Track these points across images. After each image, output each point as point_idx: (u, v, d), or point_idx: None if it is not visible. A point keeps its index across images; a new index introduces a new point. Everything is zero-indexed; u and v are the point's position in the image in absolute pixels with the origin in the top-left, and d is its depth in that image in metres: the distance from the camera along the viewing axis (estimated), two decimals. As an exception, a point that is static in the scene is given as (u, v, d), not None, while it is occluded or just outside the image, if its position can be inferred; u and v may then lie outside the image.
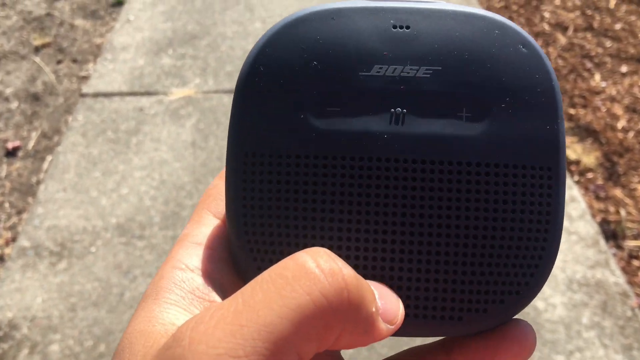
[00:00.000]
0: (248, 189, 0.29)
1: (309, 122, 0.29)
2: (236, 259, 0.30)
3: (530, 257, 0.28)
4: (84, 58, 2.44)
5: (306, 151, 0.28)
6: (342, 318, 0.23)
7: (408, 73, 0.29)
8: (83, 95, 2.22)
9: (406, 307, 0.28)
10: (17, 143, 2.03)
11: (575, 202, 1.79)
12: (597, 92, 2.16)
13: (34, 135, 2.07)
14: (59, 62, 2.42)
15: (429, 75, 0.29)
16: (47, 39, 2.53)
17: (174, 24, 2.63)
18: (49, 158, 1.98)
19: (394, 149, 0.28)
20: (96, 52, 2.48)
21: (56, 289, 1.59)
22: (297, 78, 0.29)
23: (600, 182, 1.82)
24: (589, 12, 2.65)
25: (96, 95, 2.22)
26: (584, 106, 2.09)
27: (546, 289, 1.53)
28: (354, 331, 0.24)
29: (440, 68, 0.29)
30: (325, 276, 0.23)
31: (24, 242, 1.71)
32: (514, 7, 2.72)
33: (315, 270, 0.23)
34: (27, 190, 1.87)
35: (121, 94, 2.24)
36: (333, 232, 0.28)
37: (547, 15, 2.65)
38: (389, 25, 0.29)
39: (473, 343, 0.29)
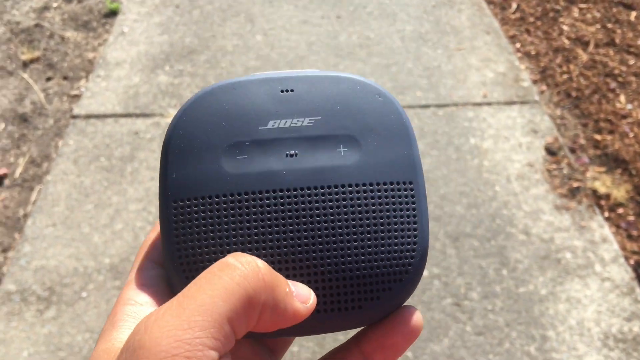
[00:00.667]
0: (179, 229, 0.34)
1: (222, 169, 0.35)
2: (174, 288, 0.35)
3: (405, 250, 0.35)
4: (76, 74, 2.29)
5: (223, 191, 0.35)
6: (261, 295, 0.29)
7: (296, 124, 0.36)
8: (74, 117, 2.08)
9: (322, 303, 0.34)
10: (3, 170, 1.88)
11: (607, 243, 1.66)
12: (623, 116, 2.03)
13: (22, 161, 1.92)
14: (48, 79, 2.27)
15: (312, 124, 0.36)
16: (37, 53, 2.38)
17: (170, 37, 2.48)
18: (37, 188, 1.83)
19: (289, 181, 0.35)
20: (88, 67, 2.33)
21: (44, 341, 1.45)
22: (210, 136, 0.36)
23: (632, 218, 1.69)
24: (609, 25, 2.51)
25: (88, 116, 2.08)
26: (611, 132, 1.96)
27: (580, 346, 1.41)
28: (275, 309, 0.30)
29: (319, 117, 0.37)
30: (243, 265, 0.29)
31: (9, 285, 1.57)
32: (530, 19, 2.58)
33: (235, 263, 0.29)
34: (14, 224, 1.73)
35: (115, 116, 2.09)
36: (249, 251, 0.34)
37: (566, 28, 2.51)
38: (278, 90, 0.37)
39: (373, 332, 0.35)
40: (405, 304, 0.36)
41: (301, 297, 0.32)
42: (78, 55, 2.39)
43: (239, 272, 0.29)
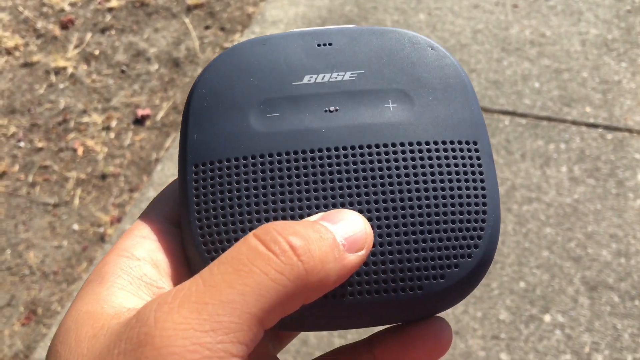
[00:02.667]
0: (200, 196, 0.30)
1: (251, 128, 0.31)
2: (191, 260, 0.30)
3: (474, 220, 0.30)
4: (232, 27, 2.30)
5: (251, 152, 0.30)
6: (304, 289, 0.24)
7: (336, 78, 0.33)
8: (222, 70, 2.09)
9: (365, 284, 0.29)
10: (147, 111, 1.95)
11: None
12: None
13: (165, 105, 1.97)
14: (207, 27, 2.30)
15: (355, 78, 0.33)
16: (202, -1, 2.43)
17: (331, 2, 2.40)
18: (173, 135, 1.87)
19: (332, 139, 0.31)
20: (246, 22, 2.33)
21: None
22: (237, 94, 0.32)
23: None
24: None
25: (235, 72, 2.08)
26: None
27: None
28: (322, 288, 0.25)
29: (363, 71, 0.33)
30: (276, 256, 0.24)
31: (127, 226, 1.62)
32: None
33: (266, 252, 0.24)
34: (145, 166, 1.79)
35: (260, 75, 2.08)
36: (283, 219, 0.29)
37: None
38: (314, 43, 0.33)
39: (393, 337, 0.30)
40: (442, 315, 0.31)
41: (354, 244, 0.27)
42: (239, 8, 2.40)
43: (274, 265, 0.24)
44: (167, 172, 1.75)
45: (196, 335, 0.22)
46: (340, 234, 0.27)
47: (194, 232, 0.30)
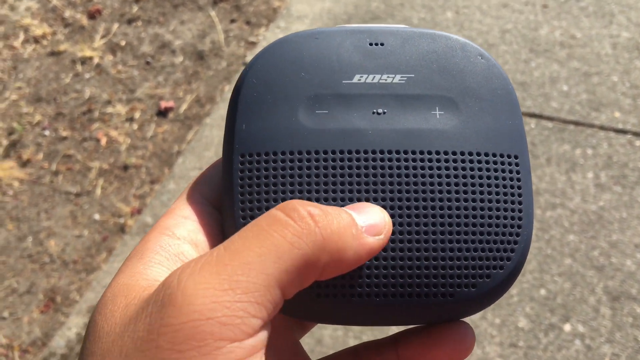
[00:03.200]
0: (245, 186, 0.30)
1: (300, 123, 0.31)
2: None
3: (509, 234, 0.31)
4: (258, 21, 2.30)
5: (299, 147, 0.31)
6: (322, 255, 0.25)
7: (386, 80, 0.33)
8: (245, 65, 2.08)
9: (399, 287, 0.30)
10: (170, 103, 1.96)
11: None
12: None
13: (189, 98, 1.98)
14: (232, 20, 2.30)
15: (404, 81, 0.33)
16: (228, -8, 2.42)
17: (358, -2, 2.38)
18: (195, 128, 1.88)
19: (378, 142, 0.31)
20: (271, 16, 2.32)
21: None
22: (287, 87, 0.32)
23: None
24: None
25: (259, 66, 2.08)
26: None
27: None
28: (341, 261, 0.26)
29: (413, 75, 0.33)
30: (294, 221, 0.25)
31: (147, 218, 1.63)
32: None
33: (285, 218, 0.25)
34: (167, 159, 1.79)
35: (284, 70, 2.07)
36: None
37: None
38: (366, 42, 0.33)
39: (417, 337, 0.31)
40: (466, 321, 0.32)
41: (373, 228, 0.28)
42: (265, 2, 2.39)
43: (291, 229, 0.25)
44: (188, 165, 1.75)
45: (216, 294, 0.22)
46: (360, 219, 0.28)
47: (237, 220, 0.30)
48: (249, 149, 0.31)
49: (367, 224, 0.28)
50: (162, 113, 1.92)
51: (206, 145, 1.80)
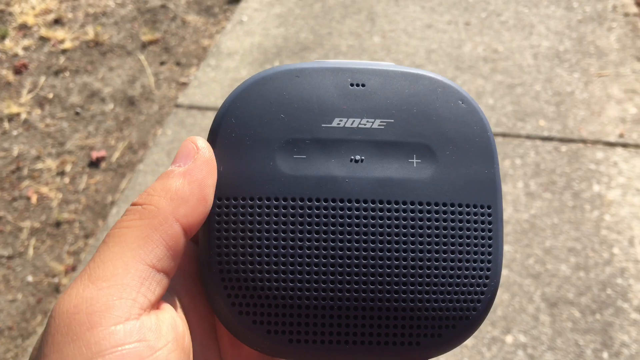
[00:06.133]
0: (222, 231, 0.31)
1: (277, 168, 0.32)
2: (208, 290, 0.32)
3: (477, 285, 0.31)
4: (188, 61, 2.30)
5: (276, 194, 0.31)
6: (150, 223, 0.28)
7: (365, 125, 0.33)
8: (177, 106, 2.08)
9: (368, 335, 0.31)
10: (102, 153, 1.93)
11: None
12: None
13: (121, 145, 1.96)
14: (162, 63, 2.30)
15: (383, 127, 0.33)
16: (157, 35, 2.42)
17: (287, 30, 2.41)
18: (129, 176, 1.85)
19: (353, 191, 0.31)
20: (201, 55, 2.32)
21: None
22: (266, 129, 0.32)
23: None
24: None
25: (191, 107, 2.07)
26: None
27: None
28: (187, 216, 0.30)
29: (392, 120, 0.33)
30: (125, 215, 0.29)
31: (83, 273, 1.59)
32: (696, 47, 2.19)
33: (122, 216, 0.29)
34: (101, 210, 1.76)
35: (216, 109, 2.07)
36: (300, 266, 0.30)
37: None
38: (347, 83, 0.33)
39: None
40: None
41: (186, 157, 0.31)
42: (194, 42, 2.40)
43: (124, 219, 0.30)
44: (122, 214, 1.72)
45: (78, 293, 0.26)
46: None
47: (214, 265, 0.31)
48: (227, 193, 0.32)
49: (185, 168, 0.31)
50: (94, 163, 1.90)
51: (140, 193, 1.78)
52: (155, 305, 0.29)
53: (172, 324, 0.29)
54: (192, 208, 0.29)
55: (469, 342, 1.42)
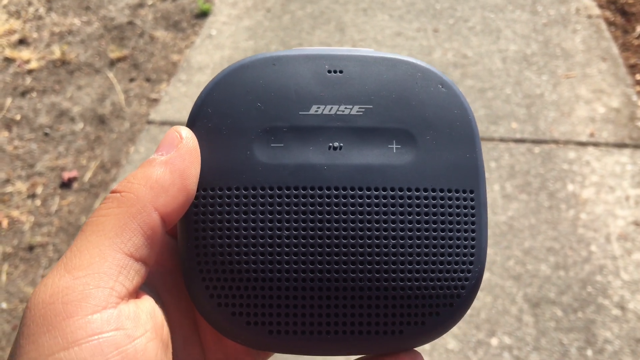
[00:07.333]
0: (199, 222, 0.31)
1: (255, 157, 0.31)
2: (188, 282, 0.31)
3: (460, 271, 0.31)
4: (158, 77, 2.27)
5: (253, 183, 0.31)
6: (128, 211, 0.28)
7: (343, 111, 0.32)
8: (149, 122, 2.05)
9: (350, 324, 0.30)
10: (73, 173, 1.89)
11: None
12: None
13: (93, 165, 1.92)
14: (131, 79, 2.26)
15: (362, 113, 0.32)
16: (125, 52, 2.39)
17: (256, 43, 2.40)
18: (102, 196, 1.82)
19: (332, 178, 0.31)
20: (171, 70, 2.30)
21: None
22: (243, 118, 0.32)
23: None
24: None
25: (163, 123, 2.04)
26: None
27: None
28: (168, 203, 0.29)
29: (371, 106, 0.32)
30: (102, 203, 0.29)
31: (59, 297, 1.55)
32: (657, 46, 2.25)
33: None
34: (74, 232, 1.72)
35: (189, 124, 2.05)
36: (279, 256, 0.30)
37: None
38: (324, 69, 0.33)
39: None
40: (418, 349, 0.32)
41: (169, 146, 0.31)
42: (164, 57, 2.37)
43: (102, 206, 0.29)
44: (97, 235, 1.69)
45: (54, 283, 0.26)
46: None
47: (193, 257, 0.31)
48: (203, 183, 0.31)
49: (166, 156, 0.31)
50: (66, 184, 1.85)
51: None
52: (134, 295, 0.28)
53: (151, 313, 0.28)
54: (172, 197, 0.29)
55: (455, 346, 1.42)
